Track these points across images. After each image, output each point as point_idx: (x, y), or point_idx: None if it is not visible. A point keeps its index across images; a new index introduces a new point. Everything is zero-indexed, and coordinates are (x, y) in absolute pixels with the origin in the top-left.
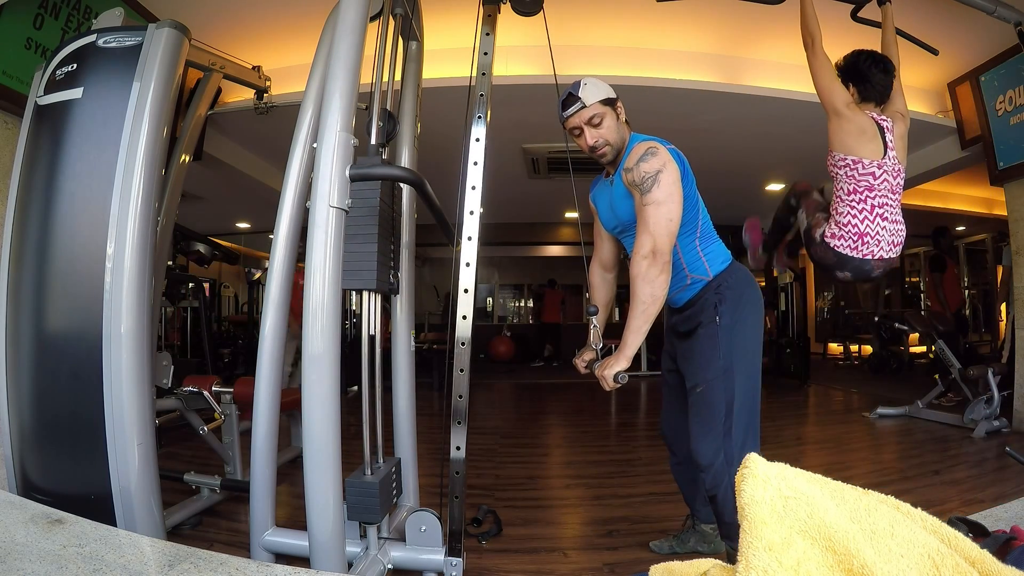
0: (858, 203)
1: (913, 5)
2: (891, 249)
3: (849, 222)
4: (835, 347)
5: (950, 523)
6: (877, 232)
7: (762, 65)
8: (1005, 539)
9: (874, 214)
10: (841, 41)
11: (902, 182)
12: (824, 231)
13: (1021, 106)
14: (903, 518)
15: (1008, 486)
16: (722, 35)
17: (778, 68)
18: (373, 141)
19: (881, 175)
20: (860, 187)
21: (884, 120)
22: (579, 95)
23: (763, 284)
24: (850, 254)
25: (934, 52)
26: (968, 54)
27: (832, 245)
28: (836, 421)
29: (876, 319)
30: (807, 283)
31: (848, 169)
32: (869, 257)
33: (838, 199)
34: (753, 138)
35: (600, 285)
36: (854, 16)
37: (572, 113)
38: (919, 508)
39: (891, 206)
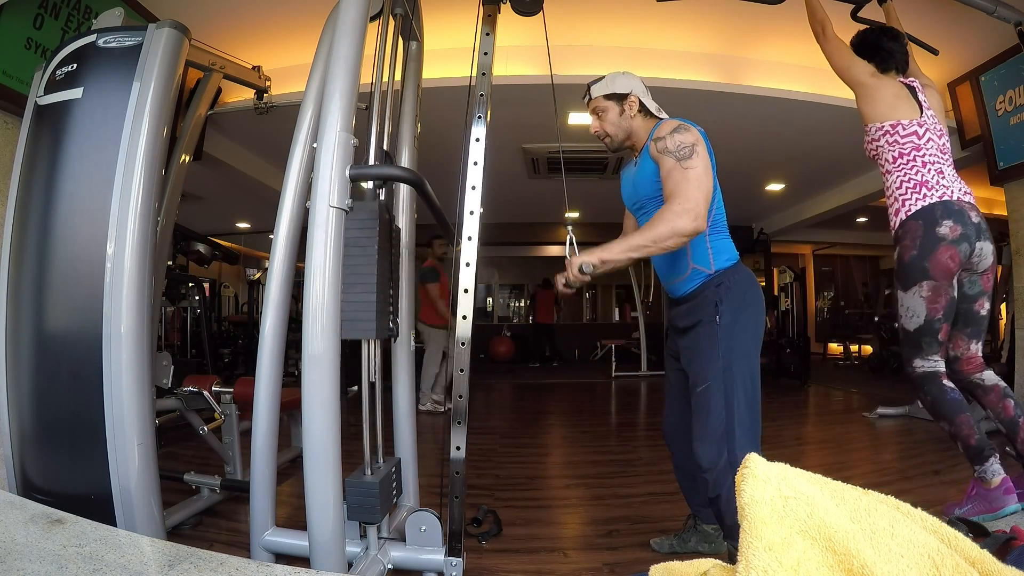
0: (908, 163)
1: (913, 5)
2: (965, 193)
3: (903, 182)
4: (835, 347)
5: (950, 523)
6: (938, 180)
7: (762, 65)
8: (1005, 539)
9: (927, 168)
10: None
11: (948, 145)
12: (893, 229)
13: (1021, 106)
14: (903, 518)
15: None
16: (722, 35)
17: (778, 68)
18: (370, 184)
19: (925, 134)
20: (906, 149)
21: (913, 82)
22: (591, 88)
23: (763, 283)
24: (925, 204)
25: (934, 52)
26: (968, 54)
27: (904, 217)
28: (836, 421)
29: (876, 319)
30: (807, 283)
31: (888, 136)
32: (948, 199)
33: (886, 174)
34: (753, 138)
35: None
36: (854, 16)
37: (585, 101)
38: (919, 508)
39: (945, 163)
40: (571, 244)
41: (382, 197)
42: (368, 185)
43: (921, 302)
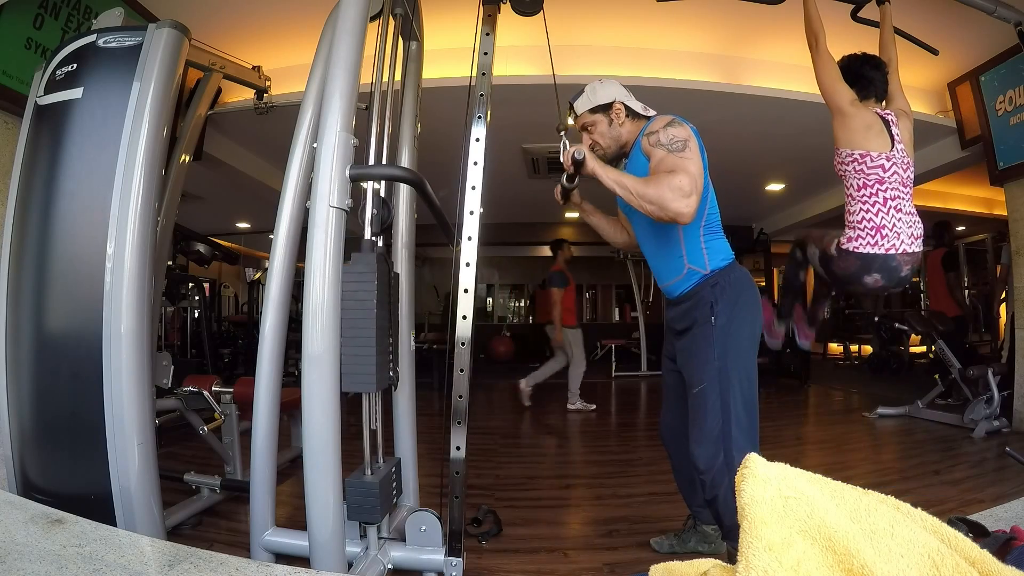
0: (870, 197)
1: (913, 5)
2: (912, 242)
3: (863, 218)
4: (835, 347)
5: (950, 523)
6: (894, 224)
7: (762, 65)
8: (1005, 539)
9: (888, 206)
10: (841, 40)
11: (912, 176)
12: (839, 240)
13: (1021, 106)
14: (903, 518)
15: (1008, 486)
16: (722, 35)
17: (778, 68)
18: (368, 235)
19: (891, 167)
20: (870, 180)
21: (888, 114)
22: (574, 104)
23: (763, 283)
24: (872, 251)
25: (934, 52)
26: (968, 54)
27: (851, 248)
28: (836, 421)
29: (876, 319)
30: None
31: (856, 164)
32: (893, 252)
33: (849, 198)
34: (753, 138)
35: (615, 220)
36: (854, 16)
37: (571, 120)
38: (919, 508)
39: (903, 199)
40: (564, 148)
41: (380, 243)
42: (367, 235)
43: (813, 283)
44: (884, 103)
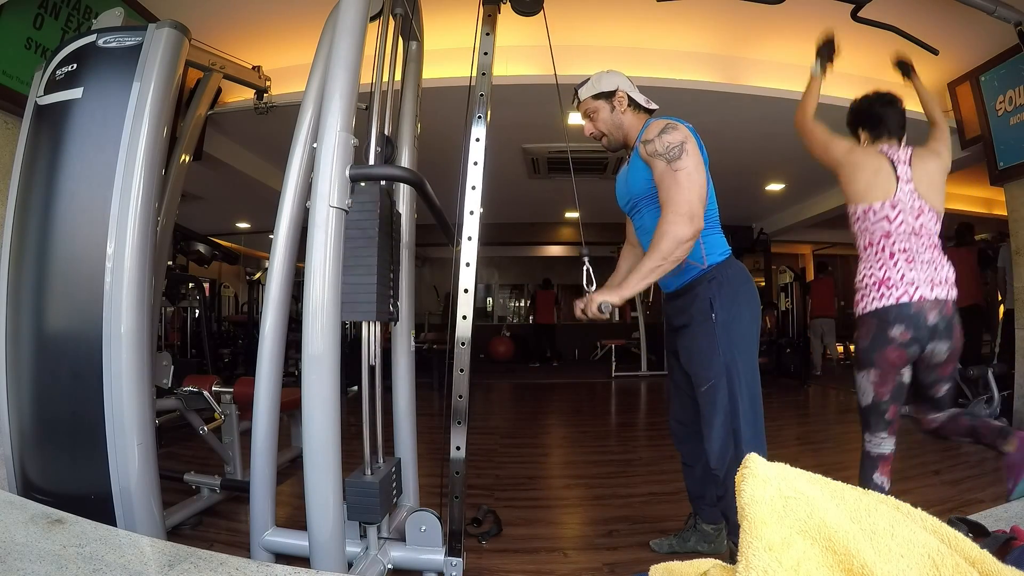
0: (875, 254)
1: (913, 5)
2: (932, 287)
3: (865, 275)
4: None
5: (950, 523)
6: (903, 275)
7: (762, 65)
8: (1005, 539)
9: (894, 260)
10: (842, 40)
11: (927, 223)
12: (856, 313)
13: (1021, 106)
14: (903, 518)
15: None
16: (722, 35)
17: (778, 68)
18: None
19: (897, 216)
20: (876, 237)
21: (896, 153)
22: (578, 91)
23: (762, 283)
24: (882, 304)
25: (934, 52)
26: (968, 54)
27: (861, 311)
28: (836, 421)
29: None
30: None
31: (860, 222)
32: (907, 300)
33: (859, 260)
34: (753, 138)
35: (628, 256)
36: (854, 16)
37: (574, 105)
38: (919, 508)
39: (919, 247)
40: (588, 274)
41: (383, 182)
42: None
43: (869, 386)
44: (902, 140)
